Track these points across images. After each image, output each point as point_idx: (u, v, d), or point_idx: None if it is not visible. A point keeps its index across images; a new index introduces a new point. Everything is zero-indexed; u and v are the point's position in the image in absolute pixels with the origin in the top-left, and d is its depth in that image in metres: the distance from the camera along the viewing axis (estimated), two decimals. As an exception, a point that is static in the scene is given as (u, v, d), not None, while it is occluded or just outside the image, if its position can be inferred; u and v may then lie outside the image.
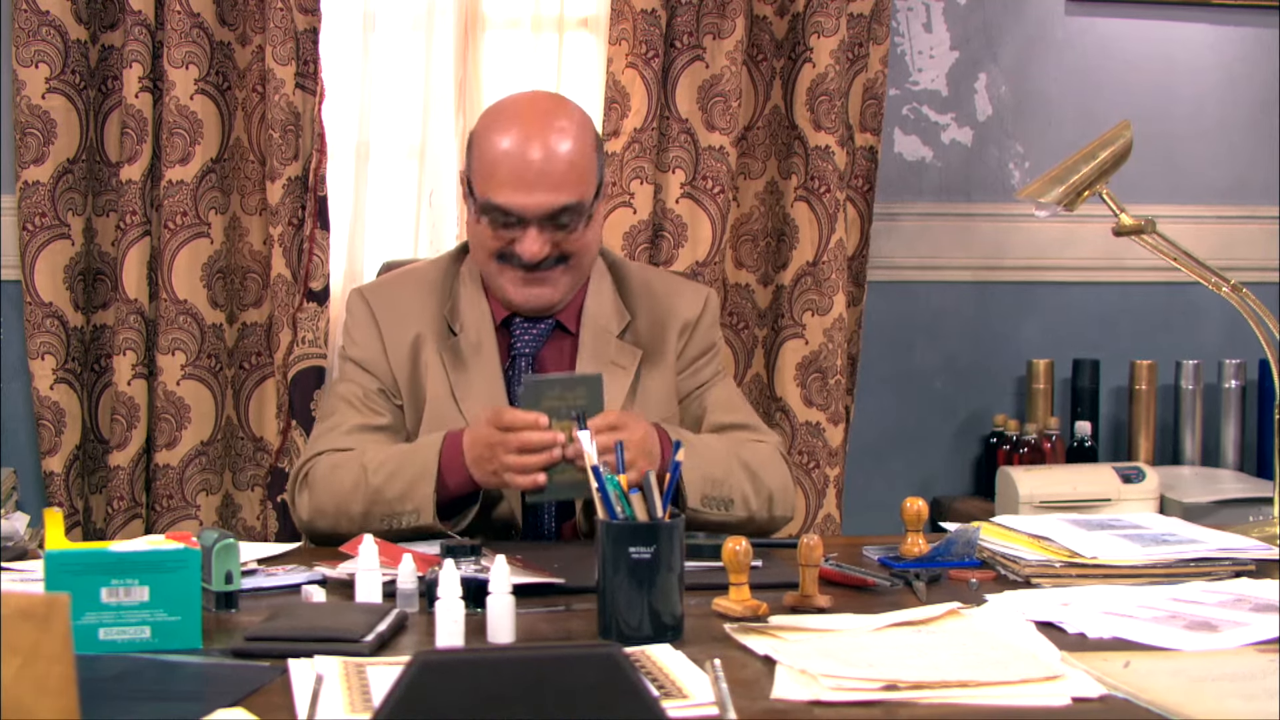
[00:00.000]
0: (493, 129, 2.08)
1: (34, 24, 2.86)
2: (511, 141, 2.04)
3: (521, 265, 2.07)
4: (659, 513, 1.49)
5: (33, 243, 2.88)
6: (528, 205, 2.03)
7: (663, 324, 2.18)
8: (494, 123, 2.09)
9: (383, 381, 2.14)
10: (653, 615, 1.46)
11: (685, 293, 2.24)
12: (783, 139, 3.10)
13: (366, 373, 2.14)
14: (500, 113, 2.12)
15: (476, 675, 1.08)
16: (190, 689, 1.30)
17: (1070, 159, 2.07)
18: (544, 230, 2.04)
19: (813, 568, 1.61)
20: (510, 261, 2.07)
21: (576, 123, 2.08)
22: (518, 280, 2.08)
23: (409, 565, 1.59)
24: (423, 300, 2.16)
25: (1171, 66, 3.36)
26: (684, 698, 1.25)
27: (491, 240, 2.07)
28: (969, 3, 3.27)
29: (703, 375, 2.20)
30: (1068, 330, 3.31)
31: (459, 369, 2.11)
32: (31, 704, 1.11)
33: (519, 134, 2.04)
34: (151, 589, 1.42)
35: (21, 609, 1.11)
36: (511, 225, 2.05)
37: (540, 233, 2.04)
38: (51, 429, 2.90)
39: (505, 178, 2.04)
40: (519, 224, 2.04)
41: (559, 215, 2.04)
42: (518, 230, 2.05)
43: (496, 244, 2.07)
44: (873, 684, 1.28)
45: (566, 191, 2.04)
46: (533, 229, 2.04)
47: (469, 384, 2.10)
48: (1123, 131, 2.05)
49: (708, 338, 2.22)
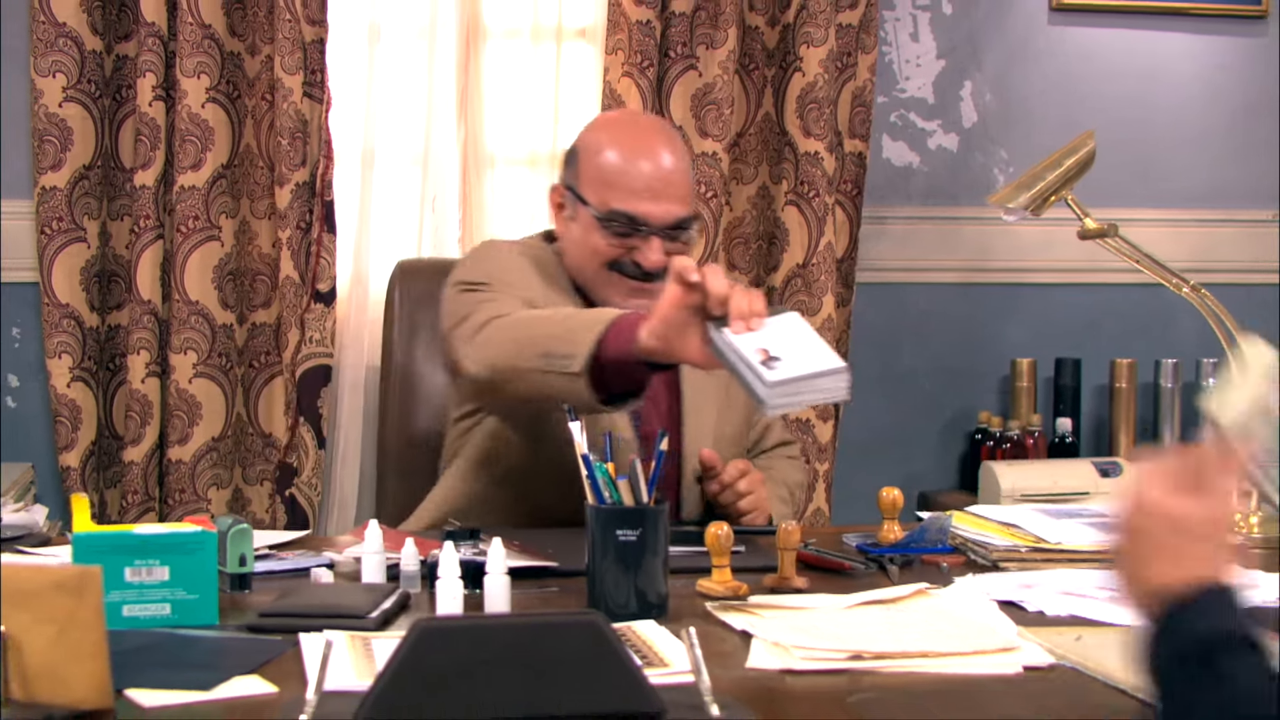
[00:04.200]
0: (616, 142, 2.13)
1: (51, 35, 2.93)
2: (636, 151, 2.10)
3: (636, 275, 2.10)
4: (644, 498, 1.59)
5: (50, 246, 2.96)
6: (655, 214, 2.08)
7: None
8: (616, 136, 2.14)
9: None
10: (638, 594, 1.56)
11: None
12: (773, 145, 3.18)
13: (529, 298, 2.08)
14: (620, 127, 2.19)
15: (471, 640, 1.18)
16: (208, 659, 1.40)
17: (1037, 167, 2.17)
18: (663, 241, 2.10)
19: (790, 551, 1.71)
20: (623, 270, 2.10)
21: (684, 147, 2.18)
22: (626, 290, 2.10)
23: (411, 549, 1.70)
24: (564, 292, 2.17)
25: (1151, 75, 3.43)
26: (664, 666, 1.35)
27: (607, 249, 2.10)
28: (954, 13, 3.35)
29: None
30: (1050, 330, 3.39)
31: None
32: (66, 669, 1.21)
33: (647, 147, 2.11)
34: (171, 569, 1.51)
35: (57, 581, 1.21)
36: (632, 234, 2.08)
37: (660, 242, 2.09)
38: (68, 425, 2.98)
39: (636, 187, 2.08)
40: (641, 233, 2.09)
41: (679, 227, 2.10)
42: (637, 240, 2.09)
43: (612, 253, 2.10)
44: (839, 654, 1.39)
45: (687, 204, 2.11)
46: (655, 239, 2.08)
47: None
48: (1086, 141, 2.15)
49: None
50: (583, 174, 2.14)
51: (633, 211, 2.08)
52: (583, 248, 2.14)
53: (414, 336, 2.59)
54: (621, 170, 2.10)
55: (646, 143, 2.12)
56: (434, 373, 2.56)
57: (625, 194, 2.09)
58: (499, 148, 3.19)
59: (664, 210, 2.09)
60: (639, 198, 2.08)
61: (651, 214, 2.09)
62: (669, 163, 2.11)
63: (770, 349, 1.58)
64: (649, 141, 2.13)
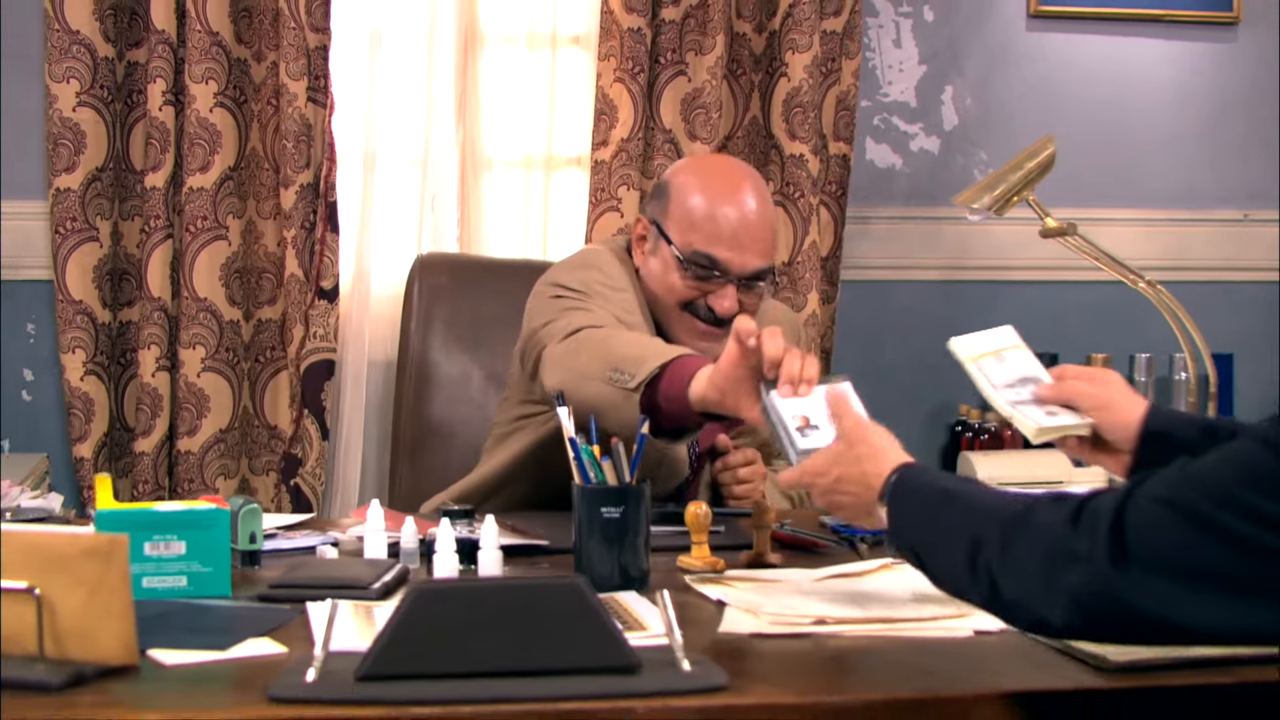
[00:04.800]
0: (708, 188, 2.18)
1: (65, 43, 3.03)
2: (733, 201, 2.16)
3: (708, 319, 2.17)
4: (627, 477, 1.70)
5: (64, 245, 3.05)
6: (735, 262, 2.15)
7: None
8: (710, 180, 2.20)
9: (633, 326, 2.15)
10: (621, 568, 1.67)
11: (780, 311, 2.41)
12: (760, 148, 3.29)
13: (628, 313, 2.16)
14: (714, 172, 2.25)
15: (464, 601, 1.30)
16: (223, 624, 1.51)
17: (1000, 169, 2.28)
18: (740, 289, 2.17)
19: (765, 529, 1.82)
20: (696, 313, 2.18)
21: (770, 199, 2.24)
22: (697, 332, 2.18)
23: (410, 527, 1.81)
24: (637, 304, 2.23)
25: (1126, 79, 3.53)
26: (643, 629, 1.46)
27: (685, 290, 2.17)
28: (936, 20, 3.45)
29: None
30: (1028, 326, 3.38)
31: None
32: (97, 628, 1.32)
33: (740, 195, 2.17)
34: (188, 543, 1.62)
35: (87, 548, 1.33)
36: (710, 279, 2.16)
37: (737, 291, 2.17)
38: (81, 418, 3.08)
39: (722, 233, 2.14)
40: (718, 279, 2.15)
41: (758, 277, 2.18)
42: (714, 284, 2.16)
43: (689, 294, 2.17)
44: (805, 619, 1.50)
45: (768, 256, 2.18)
46: (731, 286, 2.16)
47: None
48: (1047, 144, 2.27)
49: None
50: (671, 212, 2.20)
51: (715, 255, 2.15)
52: (661, 283, 2.21)
53: (430, 327, 2.71)
54: (709, 215, 2.16)
55: (738, 192, 2.18)
56: (448, 362, 2.68)
57: (709, 238, 2.15)
58: (496, 150, 3.29)
59: (744, 260, 2.16)
60: (722, 244, 2.15)
61: (732, 262, 2.15)
62: (755, 214, 2.17)
63: (811, 417, 1.59)
64: (740, 191, 2.18)
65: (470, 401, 2.73)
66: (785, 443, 1.60)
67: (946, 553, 1.33)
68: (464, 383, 2.75)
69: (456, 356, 2.76)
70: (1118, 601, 1.19)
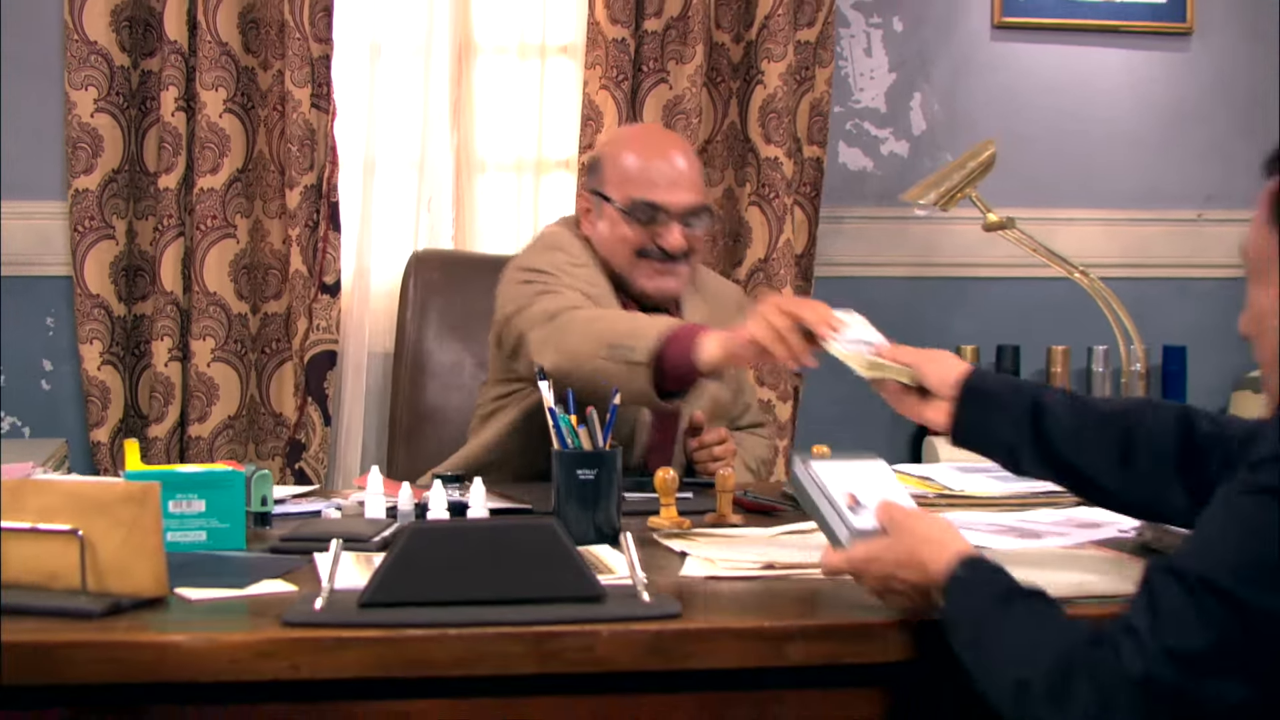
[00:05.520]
0: (631, 146, 2.46)
1: (84, 52, 3.20)
2: (653, 152, 2.43)
3: (660, 257, 2.40)
4: (601, 443, 1.89)
5: (82, 243, 3.22)
6: (674, 201, 2.39)
7: (725, 314, 2.51)
8: (630, 142, 2.49)
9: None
10: (596, 526, 1.85)
11: (728, 286, 2.67)
12: (738, 151, 3.46)
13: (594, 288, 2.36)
14: (638, 135, 2.55)
15: (452, 539, 1.49)
16: (240, 570, 1.68)
17: (944, 169, 2.47)
18: (682, 226, 2.41)
19: (727, 493, 2.01)
20: (649, 255, 2.40)
21: (690, 147, 2.53)
22: (652, 272, 2.40)
23: (407, 491, 1.99)
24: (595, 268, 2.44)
25: (1086, 86, 3.70)
26: (610, 572, 1.65)
27: (635, 237, 2.39)
28: (905, 31, 3.63)
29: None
30: (992, 320, 3.65)
31: None
32: (132, 565, 1.51)
33: (656, 147, 2.44)
34: (207, 502, 1.80)
35: (124, 494, 1.51)
36: (654, 221, 2.38)
37: (680, 227, 2.40)
38: (98, 405, 3.25)
39: (658, 180, 2.39)
40: (661, 220, 2.38)
41: (695, 213, 2.41)
42: (659, 226, 2.39)
43: (639, 240, 2.39)
44: (755, 564, 1.69)
45: (701, 194, 2.44)
46: (675, 224, 2.39)
47: None
48: (987, 147, 2.46)
49: None
50: (608, 177, 2.44)
51: (653, 199, 2.39)
52: (612, 240, 2.43)
53: (425, 319, 2.89)
54: (642, 167, 2.41)
55: (662, 144, 2.46)
56: (442, 351, 2.86)
57: (645, 186, 2.40)
58: (489, 154, 3.46)
59: (679, 198, 2.39)
60: (659, 188, 2.39)
61: (670, 202, 2.39)
62: (682, 160, 2.43)
63: (858, 494, 1.54)
64: (664, 144, 2.47)
65: (462, 388, 2.90)
66: (832, 520, 1.54)
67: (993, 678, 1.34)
68: (457, 371, 2.93)
69: (450, 346, 2.93)
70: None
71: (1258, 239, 1.38)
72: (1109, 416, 1.68)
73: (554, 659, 1.43)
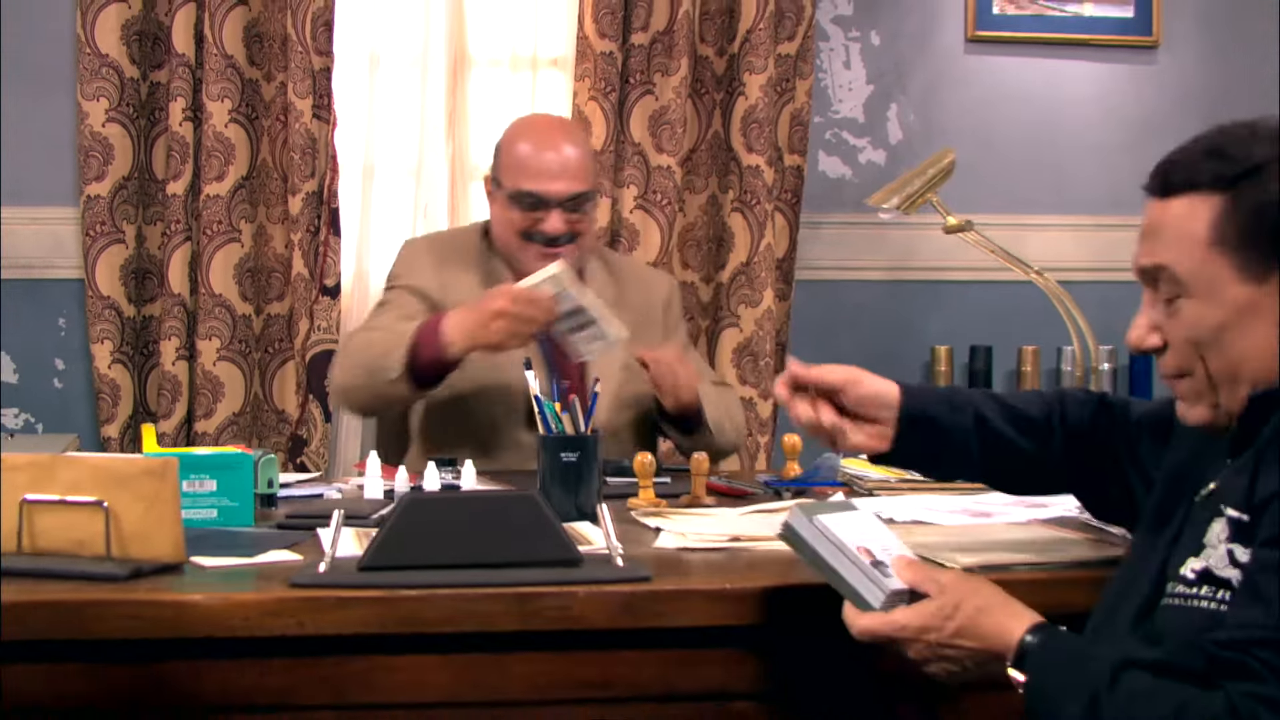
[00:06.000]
0: (522, 137, 2.63)
1: (95, 65, 3.33)
2: (540, 143, 2.60)
3: (543, 241, 2.58)
4: (583, 428, 2.04)
5: (94, 247, 3.36)
6: (553, 190, 2.57)
7: (648, 300, 2.73)
8: (522, 132, 2.65)
9: (435, 306, 2.57)
10: (577, 505, 2.00)
11: (658, 276, 2.84)
12: (721, 160, 3.60)
13: (421, 298, 2.59)
14: (527, 125, 2.69)
15: (444, 508, 1.65)
16: (249, 542, 1.83)
17: (907, 175, 2.62)
18: (563, 212, 2.58)
19: (701, 476, 2.16)
20: (534, 239, 2.58)
21: (584, 138, 2.70)
22: (538, 255, 2.57)
23: (403, 475, 2.15)
24: (467, 261, 2.67)
25: (1057, 98, 3.84)
26: (589, 543, 1.80)
27: (520, 222, 2.58)
28: (882, 44, 3.77)
29: (680, 338, 2.78)
30: (965, 322, 3.78)
31: None
32: (152, 533, 1.66)
33: (544, 138, 2.61)
34: (218, 482, 1.95)
35: (145, 468, 1.66)
36: (537, 208, 2.57)
37: (561, 214, 2.58)
38: (109, 402, 3.38)
39: (536, 170, 2.57)
40: (544, 207, 2.56)
41: (575, 200, 2.58)
42: (542, 212, 2.57)
43: (524, 224, 2.58)
44: (722, 536, 1.84)
45: (580, 181, 2.59)
46: (555, 210, 2.57)
47: None
48: (947, 154, 2.61)
49: (679, 312, 2.81)
50: (501, 164, 2.64)
51: (535, 189, 2.57)
52: (502, 223, 2.64)
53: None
54: (528, 156, 2.59)
55: (549, 135, 2.63)
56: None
57: (530, 176, 2.58)
58: (483, 162, 3.50)
59: (559, 188, 2.57)
60: (541, 178, 2.57)
61: (550, 190, 2.57)
62: (568, 149, 2.60)
63: (872, 549, 1.52)
64: (550, 134, 2.63)
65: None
66: (857, 580, 1.49)
67: None
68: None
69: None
70: None
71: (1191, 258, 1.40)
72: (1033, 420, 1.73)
73: (534, 617, 1.57)
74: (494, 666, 1.60)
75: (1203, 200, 1.41)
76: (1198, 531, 1.43)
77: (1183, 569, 1.41)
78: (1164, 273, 1.43)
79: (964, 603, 1.44)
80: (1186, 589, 1.40)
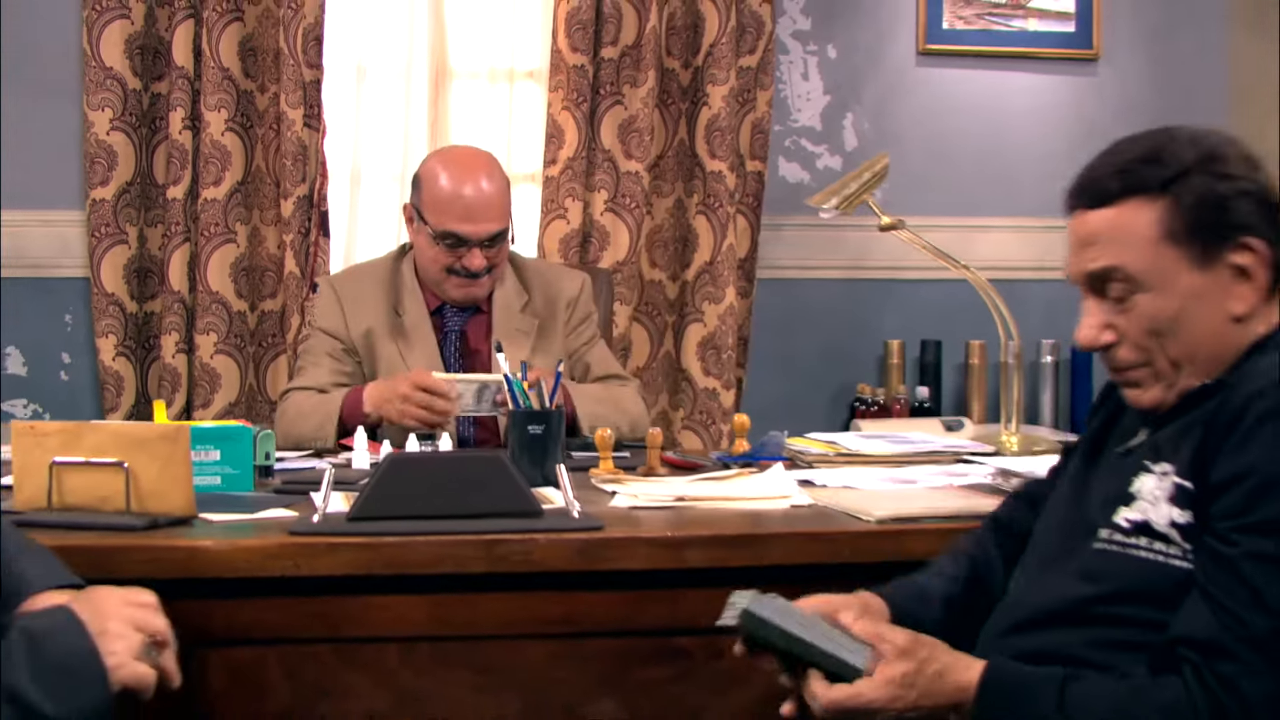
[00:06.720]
0: (447, 175, 2.75)
1: (100, 77, 3.53)
2: (461, 182, 2.74)
3: (465, 274, 2.78)
4: (548, 403, 2.27)
5: (99, 247, 3.55)
6: (475, 232, 2.75)
7: (553, 300, 2.91)
8: (446, 170, 2.76)
9: (345, 345, 2.84)
10: (544, 473, 2.23)
11: (567, 276, 2.98)
12: (686, 166, 3.81)
13: (333, 339, 2.85)
14: (449, 161, 2.81)
15: (423, 467, 1.88)
16: (250, 503, 2.05)
17: (845, 178, 2.84)
18: (483, 249, 2.77)
19: (655, 449, 2.38)
20: (457, 273, 2.78)
21: (500, 174, 2.82)
22: (459, 285, 2.79)
23: (387, 447, 2.38)
24: (375, 292, 2.86)
25: (1003, 107, 4.06)
26: (550, 503, 2.03)
27: (444, 258, 2.77)
28: (838, 58, 3.98)
29: (584, 337, 2.95)
30: (917, 318, 4.00)
31: (404, 342, 2.82)
32: (167, 490, 1.88)
33: (465, 177, 2.75)
34: (221, 451, 2.16)
35: (160, 433, 1.89)
36: (459, 246, 2.75)
37: (481, 251, 2.77)
38: (113, 392, 3.58)
39: (460, 212, 2.73)
40: (465, 245, 2.75)
41: (494, 238, 2.77)
42: (464, 250, 2.75)
43: (448, 261, 2.77)
44: (669, 496, 2.08)
45: (498, 220, 2.77)
46: (476, 249, 2.76)
47: (411, 352, 2.81)
48: (882, 159, 2.83)
49: (586, 309, 2.96)
50: (425, 199, 2.78)
51: (458, 231, 2.74)
52: (426, 255, 2.82)
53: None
54: (450, 197, 2.74)
55: (471, 175, 2.76)
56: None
57: (453, 217, 2.74)
58: None
59: (480, 229, 2.75)
60: (465, 220, 2.74)
61: (472, 233, 2.75)
62: (487, 189, 2.75)
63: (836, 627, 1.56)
64: (473, 174, 2.76)
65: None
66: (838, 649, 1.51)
67: None
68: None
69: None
70: None
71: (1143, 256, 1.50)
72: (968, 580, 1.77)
73: (501, 561, 1.81)
74: (467, 605, 1.83)
75: (1146, 203, 1.51)
76: (1121, 481, 1.54)
77: (1115, 516, 1.52)
78: (1116, 273, 1.52)
79: (923, 668, 1.49)
80: (1124, 537, 1.51)
